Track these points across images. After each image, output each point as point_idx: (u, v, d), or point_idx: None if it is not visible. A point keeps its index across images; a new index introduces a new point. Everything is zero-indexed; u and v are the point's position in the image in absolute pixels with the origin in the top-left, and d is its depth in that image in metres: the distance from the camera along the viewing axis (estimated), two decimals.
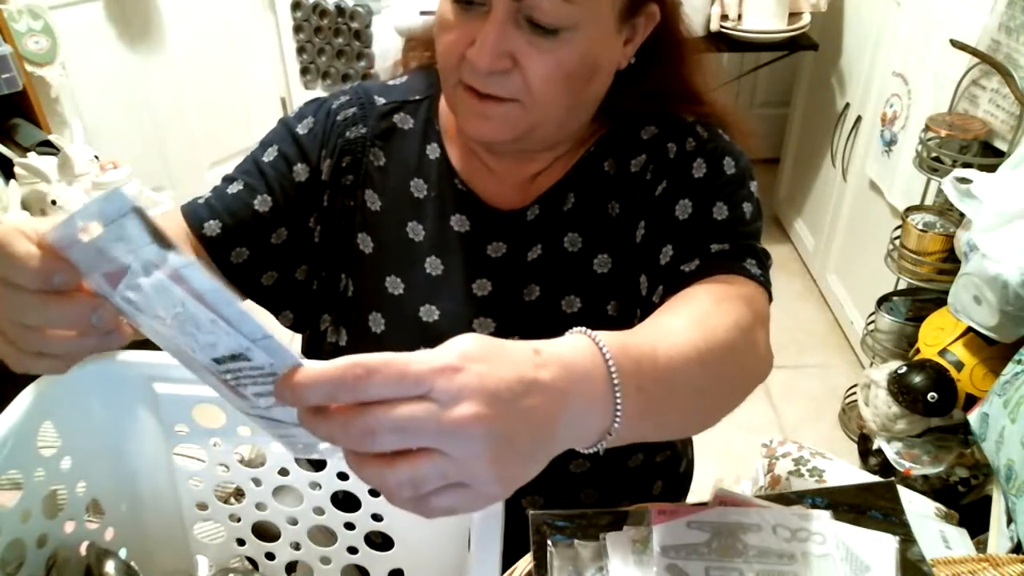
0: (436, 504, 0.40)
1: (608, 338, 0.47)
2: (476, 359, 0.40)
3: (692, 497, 0.98)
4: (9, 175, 1.71)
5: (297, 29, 2.67)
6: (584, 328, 0.48)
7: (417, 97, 0.83)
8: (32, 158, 1.68)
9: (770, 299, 0.70)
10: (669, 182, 0.75)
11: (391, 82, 0.86)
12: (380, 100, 0.83)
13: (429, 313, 0.78)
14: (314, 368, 0.38)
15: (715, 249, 0.70)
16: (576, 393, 0.44)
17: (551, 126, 0.73)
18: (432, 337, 0.77)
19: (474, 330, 0.78)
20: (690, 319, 0.60)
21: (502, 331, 0.79)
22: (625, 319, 0.78)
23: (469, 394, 0.38)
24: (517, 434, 0.40)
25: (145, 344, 0.52)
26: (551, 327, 0.77)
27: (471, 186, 0.80)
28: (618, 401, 0.46)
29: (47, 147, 1.86)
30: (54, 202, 1.62)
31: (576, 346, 0.46)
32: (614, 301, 0.78)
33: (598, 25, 0.68)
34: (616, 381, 0.46)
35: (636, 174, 0.78)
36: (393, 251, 0.80)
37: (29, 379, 0.64)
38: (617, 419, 0.46)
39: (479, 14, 0.66)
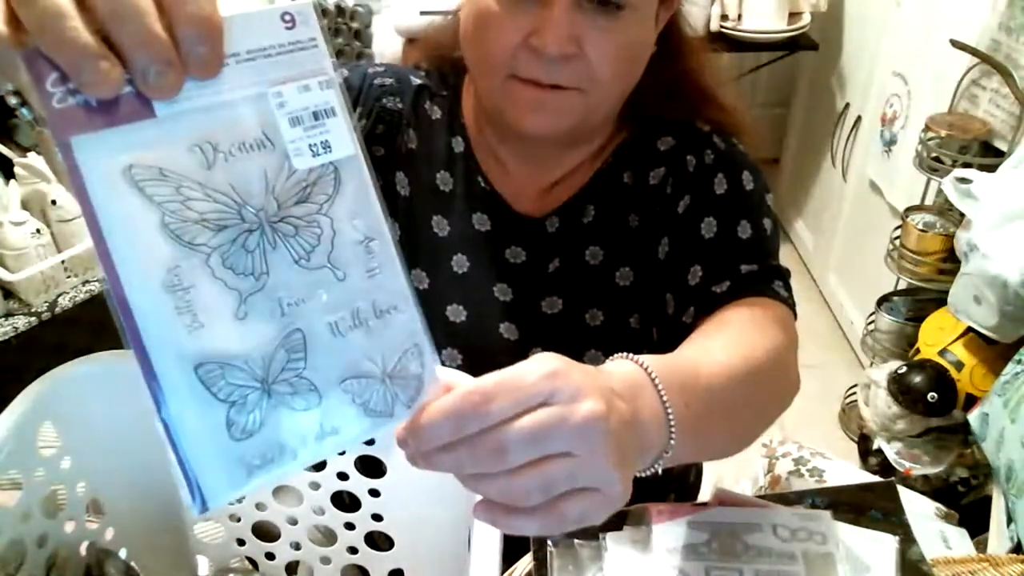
0: (567, 511, 0.39)
1: (651, 360, 0.48)
2: (569, 367, 0.40)
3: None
4: (9, 175, 1.70)
5: None
6: (624, 353, 0.48)
7: (444, 93, 0.82)
8: (32, 158, 1.68)
9: (795, 319, 0.71)
10: (692, 198, 0.75)
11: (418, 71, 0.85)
12: (415, 80, 0.81)
13: (456, 313, 0.78)
14: (433, 407, 0.37)
15: (745, 270, 0.70)
16: (639, 407, 0.44)
17: (603, 113, 0.73)
18: (457, 338, 0.77)
19: (501, 335, 0.78)
20: (729, 342, 0.60)
21: (524, 340, 0.79)
22: (646, 332, 0.79)
23: (586, 391, 0.39)
24: (623, 434, 0.41)
25: None
26: (574, 339, 0.78)
27: (493, 185, 0.79)
28: (671, 417, 0.46)
29: None
30: (54, 202, 1.62)
31: (624, 367, 0.47)
32: (636, 314, 0.78)
33: (650, 4, 0.68)
34: (665, 398, 0.46)
35: (655, 187, 0.78)
36: (418, 243, 0.79)
37: (30, 379, 0.64)
38: (672, 436, 0.47)
39: (532, 2, 0.64)
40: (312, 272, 0.34)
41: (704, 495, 0.97)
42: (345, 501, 0.71)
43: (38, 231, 1.61)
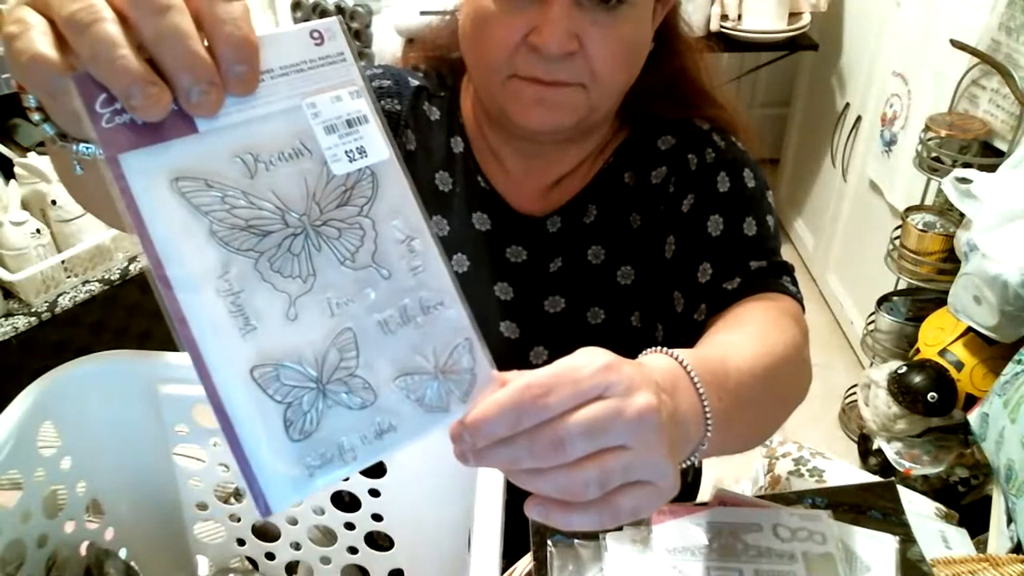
0: (622, 504, 0.39)
1: (685, 355, 0.48)
2: (619, 361, 0.40)
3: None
4: (9, 175, 1.70)
5: None
6: (658, 348, 0.49)
7: (442, 94, 0.82)
8: (32, 158, 1.68)
9: (804, 311, 0.72)
10: (696, 197, 0.76)
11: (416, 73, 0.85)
12: (413, 81, 0.81)
13: None
14: (490, 401, 0.37)
15: (754, 266, 0.71)
16: (678, 401, 0.45)
17: (605, 109, 0.72)
18: None
19: (501, 333, 0.78)
20: (751, 336, 0.61)
21: (526, 338, 0.79)
22: (647, 330, 0.79)
23: (639, 384, 0.39)
24: (670, 427, 0.41)
25: (144, 344, 0.51)
26: (576, 337, 0.78)
27: (493, 185, 0.79)
28: (707, 411, 0.47)
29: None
30: (54, 202, 1.62)
31: (660, 361, 0.47)
32: (638, 312, 0.79)
33: (650, 1, 0.68)
34: (702, 392, 0.47)
35: (657, 186, 0.78)
36: None
37: (30, 379, 0.64)
38: (708, 429, 0.47)
39: (531, 1, 0.64)
40: (358, 272, 0.35)
41: (704, 495, 0.97)
42: (345, 501, 0.71)
43: (38, 231, 1.61)
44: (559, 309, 0.79)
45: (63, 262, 1.67)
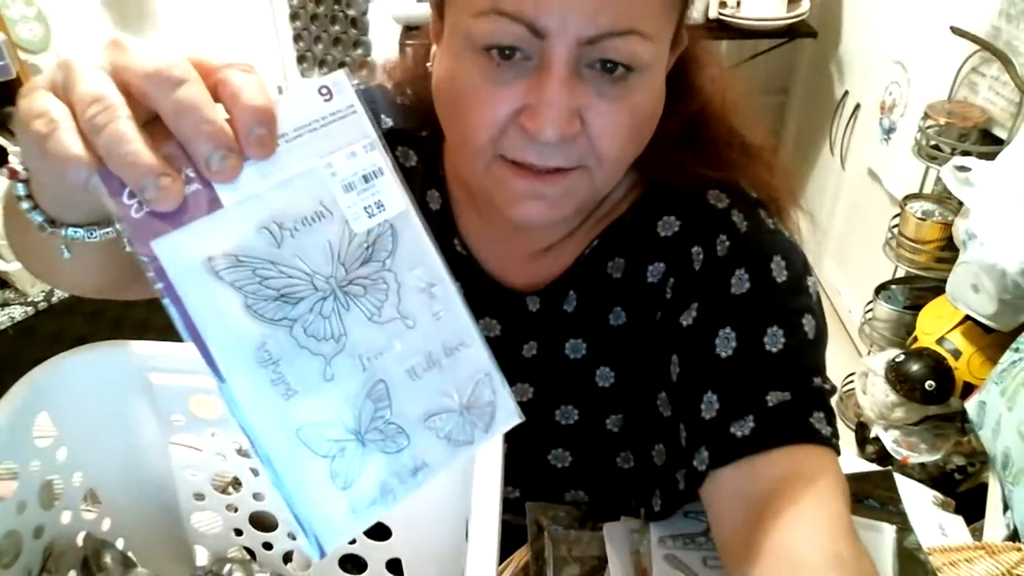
0: None
1: None
2: None
3: None
4: (3, 163, 1.70)
5: (293, 17, 2.66)
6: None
7: (423, 133, 0.71)
8: None
9: (839, 455, 0.58)
10: (700, 306, 0.61)
11: (398, 98, 0.72)
12: (388, 122, 0.71)
13: None
14: None
15: (773, 402, 0.56)
16: None
17: (608, 189, 0.61)
18: None
19: None
20: None
21: None
22: (625, 436, 0.70)
23: None
24: None
25: (141, 333, 0.51)
26: (541, 435, 0.71)
27: (471, 250, 0.70)
28: None
29: None
30: None
31: None
32: (615, 415, 0.69)
33: (663, 60, 0.55)
34: None
35: (653, 286, 0.65)
36: None
37: (26, 369, 0.64)
38: None
39: (524, 69, 0.51)
40: (385, 326, 0.37)
41: None
42: None
43: None
44: (525, 399, 0.70)
45: None
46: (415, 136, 0.71)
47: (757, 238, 0.62)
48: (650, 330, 0.66)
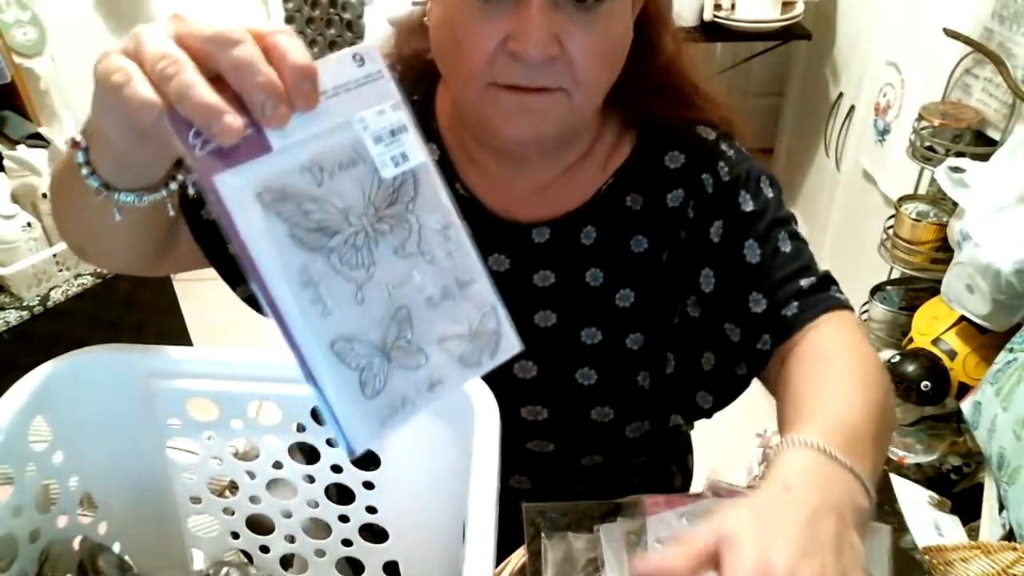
0: None
1: (820, 436, 0.52)
2: (766, 546, 0.44)
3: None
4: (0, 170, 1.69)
5: (289, 20, 2.66)
6: (789, 439, 0.53)
7: (415, 98, 0.79)
8: (22, 151, 1.67)
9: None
10: (724, 223, 0.74)
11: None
12: None
13: None
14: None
15: (805, 286, 0.72)
16: (840, 494, 0.49)
17: (587, 113, 0.71)
18: None
19: None
20: (851, 383, 0.62)
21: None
22: (648, 352, 0.78)
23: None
24: (843, 545, 0.46)
25: (138, 337, 0.52)
26: (568, 356, 0.78)
27: (473, 191, 0.77)
28: (861, 478, 0.51)
29: (37, 140, 1.85)
30: (45, 195, 1.61)
31: (805, 461, 0.51)
32: (634, 334, 0.77)
33: None
34: (850, 465, 0.51)
35: (675, 210, 0.76)
36: None
37: (22, 373, 0.64)
38: (868, 488, 0.52)
39: (506, 5, 0.61)
40: (407, 259, 0.42)
41: (697, 485, 0.97)
42: (338, 494, 0.71)
43: (29, 225, 1.60)
44: (550, 324, 0.77)
45: (55, 255, 1.66)
46: (410, 100, 0.76)
47: (745, 163, 0.76)
48: (675, 248, 0.77)
